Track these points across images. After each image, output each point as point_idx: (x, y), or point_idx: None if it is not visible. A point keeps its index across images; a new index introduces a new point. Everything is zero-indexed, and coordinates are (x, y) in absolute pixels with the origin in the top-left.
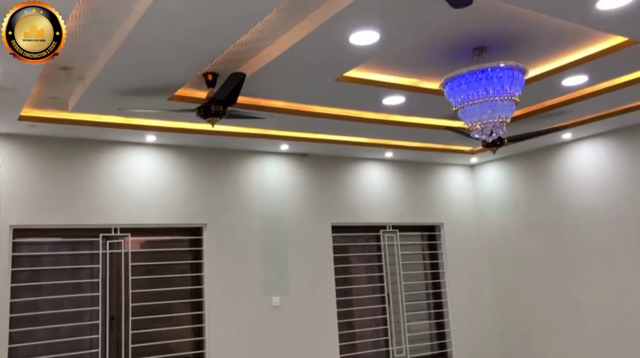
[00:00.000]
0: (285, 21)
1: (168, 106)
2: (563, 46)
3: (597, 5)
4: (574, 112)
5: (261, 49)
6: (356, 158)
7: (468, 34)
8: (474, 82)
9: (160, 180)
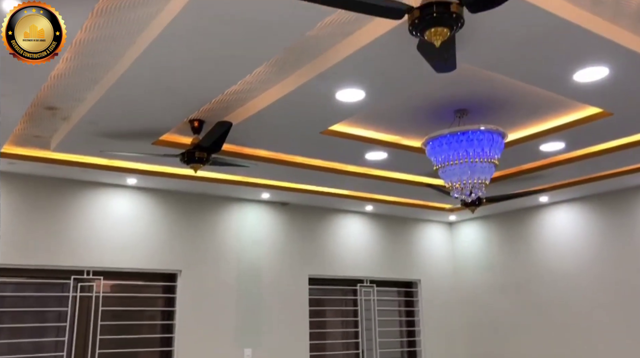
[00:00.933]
0: (274, 75)
1: (152, 150)
2: (542, 113)
3: (574, 77)
4: (551, 176)
5: (249, 99)
6: (336, 210)
7: (450, 96)
8: (454, 143)
9: (137, 224)
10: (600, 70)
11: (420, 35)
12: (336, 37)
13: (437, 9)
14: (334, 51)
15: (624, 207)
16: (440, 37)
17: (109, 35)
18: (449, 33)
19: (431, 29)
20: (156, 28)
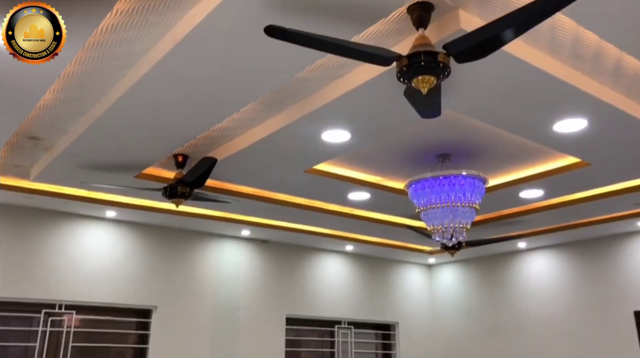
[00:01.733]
0: (262, 113)
1: (134, 183)
2: (522, 160)
3: (554, 127)
4: (530, 222)
5: (235, 136)
6: (316, 248)
7: (433, 140)
8: (437, 187)
9: (114, 257)
10: (579, 122)
11: (407, 82)
12: (325, 79)
13: (425, 58)
14: (322, 93)
15: (600, 255)
16: (427, 85)
17: (99, 69)
18: (435, 81)
19: (418, 77)
20: (147, 64)
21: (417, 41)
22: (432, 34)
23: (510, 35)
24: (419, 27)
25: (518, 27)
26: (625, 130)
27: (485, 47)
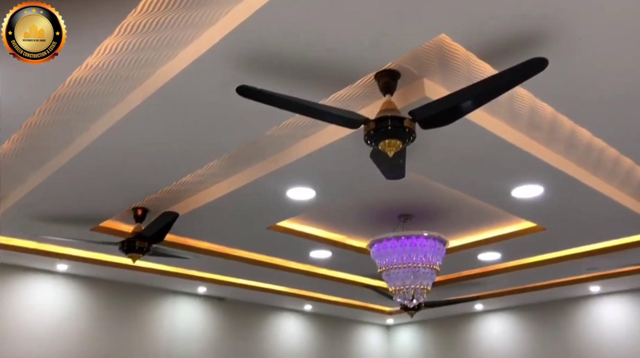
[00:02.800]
0: (227, 169)
1: (90, 237)
2: (481, 223)
3: (512, 193)
4: (487, 284)
5: (198, 190)
6: (275, 307)
7: (396, 201)
8: (399, 247)
9: (62, 314)
10: (536, 188)
11: (374, 144)
12: (293, 137)
13: (391, 123)
14: (289, 151)
15: (554, 318)
16: (393, 149)
17: (64, 120)
18: (401, 145)
19: (385, 141)
20: (114, 117)
21: (384, 106)
22: (398, 99)
23: (472, 106)
24: (386, 93)
25: (479, 99)
26: (579, 197)
27: (448, 115)
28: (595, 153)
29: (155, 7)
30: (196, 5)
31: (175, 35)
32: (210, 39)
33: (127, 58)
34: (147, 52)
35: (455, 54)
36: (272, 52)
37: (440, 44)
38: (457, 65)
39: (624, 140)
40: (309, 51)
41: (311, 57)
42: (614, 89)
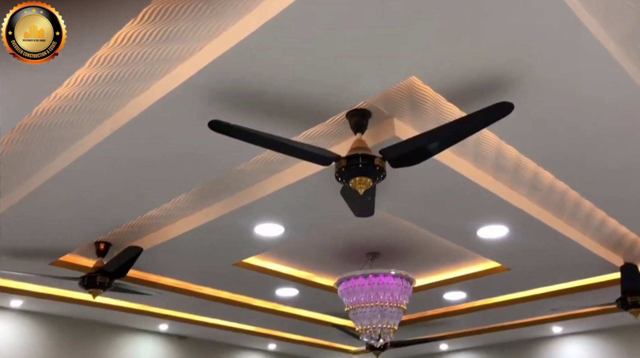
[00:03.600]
0: (195, 203)
1: (49, 271)
2: (447, 262)
3: (478, 232)
4: (452, 324)
5: (164, 225)
6: (238, 346)
7: (364, 238)
8: (366, 286)
9: (14, 352)
10: (501, 228)
11: (345, 181)
12: (263, 173)
13: (362, 161)
14: (259, 186)
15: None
16: (363, 186)
17: (29, 150)
18: (371, 183)
19: (356, 178)
20: (81, 148)
21: (355, 144)
22: (368, 138)
23: (440, 147)
24: (357, 132)
25: (447, 141)
26: (541, 239)
27: (417, 155)
28: (557, 195)
29: (130, 41)
30: (170, 40)
31: (148, 68)
32: (183, 73)
33: (98, 90)
34: (119, 84)
35: (424, 95)
36: (245, 89)
37: (410, 86)
38: (426, 107)
39: (585, 184)
40: (282, 89)
41: (284, 94)
42: (576, 133)
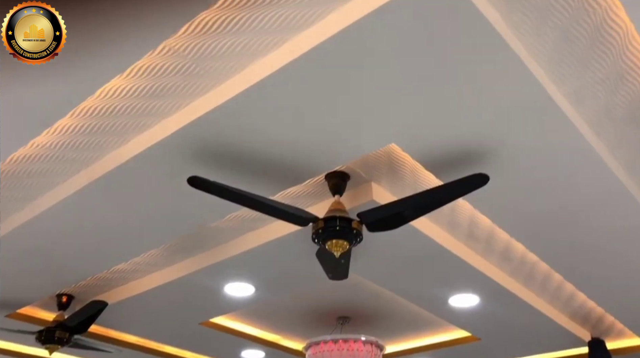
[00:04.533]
0: (165, 258)
1: (4, 324)
2: (418, 329)
3: (449, 301)
4: None
5: (131, 279)
6: None
7: (335, 302)
8: (336, 351)
9: None
10: (472, 298)
11: (321, 243)
12: (238, 230)
13: (340, 223)
14: (232, 244)
15: None
16: (340, 249)
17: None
18: (348, 246)
19: (333, 240)
20: (54, 197)
21: (333, 206)
22: (346, 200)
23: (417, 214)
24: (335, 193)
25: (424, 208)
26: (512, 309)
27: (394, 221)
28: (528, 266)
29: (115, 93)
30: (157, 95)
31: (131, 121)
32: (167, 128)
33: (78, 140)
34: (99, 135)
35: (403, 162)
36: (226, 147)
37: (389, 152)
38: (404, 173)
39: (555, 257)
40: (264, 149)
41: (265, 155)
42: (547, 208)
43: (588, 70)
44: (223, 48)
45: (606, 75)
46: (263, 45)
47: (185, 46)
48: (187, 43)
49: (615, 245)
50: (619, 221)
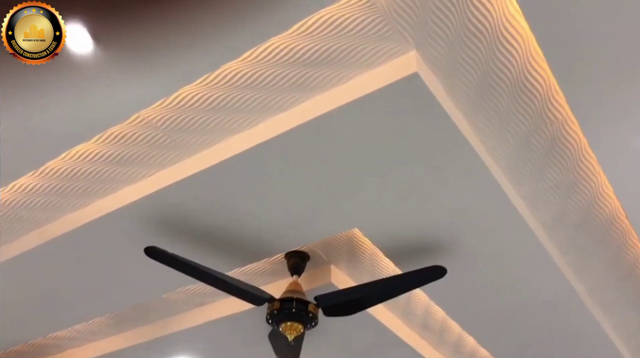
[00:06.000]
0: (108, 327)
1: None
2: None
3: None
4: None
5: (68, 347)
6: None
7: None
8: None
9: None
10: None
11: (275, 325)
12: (187, 304)
13: (296, 306)
14: (181, 317)
15: None
16: (294, 332)
17: None
18: (302, 330)
19: (287, 323)
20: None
21: (291, 287)
22: (304, 281)
23: (374, 301)
24: (294, 273)
25: (382, 296)
26: None
27: (351, 307)
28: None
29: (81, 157)
30: (123, 162)
31: (93, 186)
32: (128, 196)
33: (34, 199)
34: (58, 197)
35: (363, 247)
36: (188, 220)
37: (351, 236)
38: (363, 258)
39: (504, 353)
40: (227, 225)
41: (227, 230)
42: (499, 305)
43: (544, 176)
44: (197, 122)
45: (560, 182)
46: (237, 123)
47: (159, 117)
48: (161, 114)
49: (565, 350)
50: (567, 324)
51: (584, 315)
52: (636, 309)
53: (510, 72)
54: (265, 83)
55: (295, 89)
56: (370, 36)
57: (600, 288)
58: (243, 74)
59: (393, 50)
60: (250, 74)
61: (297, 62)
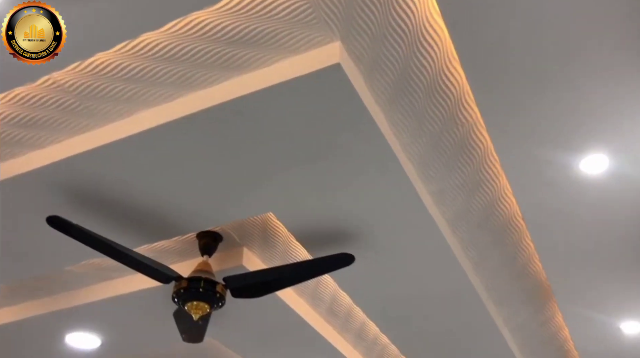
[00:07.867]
0: (4, 298)
1: None
2: None
3: None
4: None
5: None
6: None
7: None
8: None
9: None
10: None
11: (181, 304)
12: (92, 278)
13: (204, 285)
14: (83, 291)
15: None
16: (200, 312)
17: None
18: (208, 310)
19: (193, 302)
20: None
21: (200, 266)
22: (214, 262)
23: (283, 285)
24: (204, 254)
25: (291, 280)
26: None
27: (260, 289)
28: (379, 347)
29: None
30: (30, 125)
31: None
32: (34, 161)
33: None
34: None
35: (276, 231)
36: (97, 191)
37: (266, 220)
38: (276, 242)
39: (404, 342)
40: (139, 199)
41: (138, 204)
42: (402, 296)
43: (452, 175)
44: (113, 91)
45: (466, 182)
46: (155, 96)
47: (72, 82)
48: (74, 79)
49: (460, 340)
50: (464, 316)
51: (479, 307)
52: (525, 305)
53: (427, 72)
54: (187, 57)
55: (218, 66)
56: (298, 22)
57: (495, 284)
58: (164, 45)
59: (319, 38)
60: (172, 47)
61: (222, 39)
